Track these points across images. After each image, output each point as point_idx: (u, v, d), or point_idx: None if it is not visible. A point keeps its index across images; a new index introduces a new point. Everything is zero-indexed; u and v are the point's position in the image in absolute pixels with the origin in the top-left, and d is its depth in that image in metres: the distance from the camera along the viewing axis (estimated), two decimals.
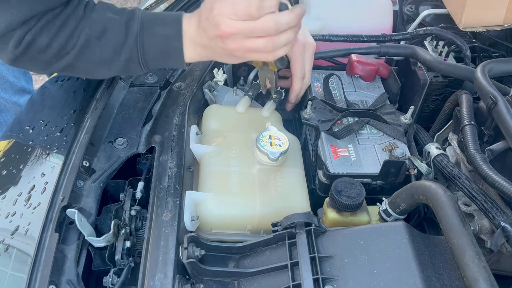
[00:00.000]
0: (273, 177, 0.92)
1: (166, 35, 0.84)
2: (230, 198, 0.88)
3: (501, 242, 0.74)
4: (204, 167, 0.93)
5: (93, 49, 0.83)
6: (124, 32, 0.83)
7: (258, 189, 0.89)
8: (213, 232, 0.87)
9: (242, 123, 1.04)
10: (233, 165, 0.93)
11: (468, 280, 0.63)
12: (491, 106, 0.86)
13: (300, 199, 0.91)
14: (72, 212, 0.80)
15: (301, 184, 0.94)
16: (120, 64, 0.85)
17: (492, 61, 0.97)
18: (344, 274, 0.70)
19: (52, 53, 0.82)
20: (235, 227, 0.87)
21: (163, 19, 0.85)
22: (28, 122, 1.04)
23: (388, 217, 0.86)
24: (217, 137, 0.98)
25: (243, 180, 0.90)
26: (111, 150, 0.96)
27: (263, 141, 0.91)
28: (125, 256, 0.80)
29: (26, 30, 0.79)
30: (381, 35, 1.24)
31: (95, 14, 0.84)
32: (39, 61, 0.83)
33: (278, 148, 0.91)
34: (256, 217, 0.86)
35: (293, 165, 0.96)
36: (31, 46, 0.80)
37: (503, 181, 0.75)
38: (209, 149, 0.95)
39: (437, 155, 0.94)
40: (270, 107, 1.08)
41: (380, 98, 1.13)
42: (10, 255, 0.81)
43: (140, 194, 0.89)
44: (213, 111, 1.07)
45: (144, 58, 0.85)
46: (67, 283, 0.74)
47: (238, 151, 0.95)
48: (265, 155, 0.91)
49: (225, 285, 0.76)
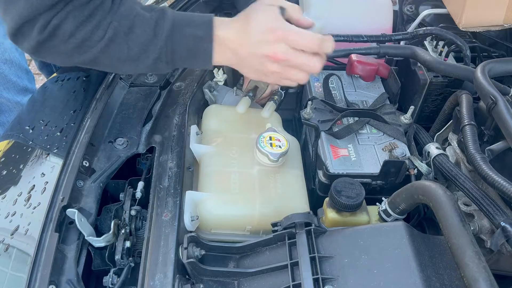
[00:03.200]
0: (273, 178, 0.92)
1: (196, 36, 0.83)
2: (229, 199, 0.88)
3: (501, 242, 0.74)
4: (204, 167, 0.93)
5: (120, 44, 0.81)
6: (153, 30, 0.81)
7: (258, 189, 0.89)
8: (213, 232, 0.87)
9: (242, 123, 1.04)
10: (233, 166, 0.93)
11: (468, 280, 0.63)
12: (491, 106, 0.86)
13: (300, 200, 0.91)
14: (72, 212, 0.80)
15: (301, 185, 0.94)
16: (147, 62, 0.84)
17: (492, 61, 0.97)
18: (344, 274, 0.70)
19: (75, 43, 0.79)
20: (234, 227, 0.87)
21: (193, 21, 0.84)
22: (29, 122, 1.04)
23: (388, 217, 0.86)
24: (217, 137, 0.99)
25: (243, 180, 0.90)
26: (111, 150, 0.96)
27: (263, 142, 0.92)
28: (125, 256, 0.80)
29: (53, 14, 0.76)
30: (381, 35, 1.24)
31: (124, 8, 0.81)
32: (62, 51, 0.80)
33: (278, 149, 0.91)
34: (255, 218, 0.86)
35: (292, 166, 0.96)
36: (56, 32, 0.77)
37: (503, 181, 0.75)
38: (209, 149, 0.95)
39: (437, 155, 0.94)
40: (270, 107, 1.08)
41: (380, 98, 1.13)
42: (10, 255, 0.81)
43: (140, 194, 0.89)
44: (213, 111, 1.07)
45: (172, 57, 0.84)
46: (67, 283, 0.74)
47: (238, 151, 0.95)
48: (265, 156, 0.91)
49: (225, 285, 0.76)
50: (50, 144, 0.96)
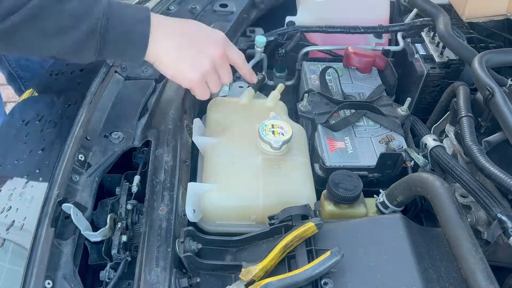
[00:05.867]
0: (277, 166, 0.91)
1: (134, 16, 0.79)
2: (233, 189, 0.87)
3: (497, 234, 0.74)
4: (208, 159, 0.93)
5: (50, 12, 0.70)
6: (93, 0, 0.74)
7: (262, 179, 0.88)
8: (218, 223, 0.87)
9: (246, 114, 1.03)
10: (236, 156, 0.92)
11: (465, 272, 0.64)
12: (488, 97, 0.85)
13: (305, 188, 0.90)
14: (67, 206, 0.80)
15: (306, 173, 0.93)
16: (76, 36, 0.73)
17: (489, 52, 0.97)
18: (341, 266, 0.70)
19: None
20: (239, 217, 0.87)
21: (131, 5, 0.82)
22: None
23: (386, 209, 0.86)
24: (221, 129, 0.98)
25: (247, 170, 0.90)
26: (106, 144, 0.95)
27: (265, 130, 0.91)
28: (122, 250, 0.80)
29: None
30: (378, 26, 1.24)
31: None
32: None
33: (281, 136, 0.90)
34: (260, 207, 0.86)
35: (297, 154, 0.95)
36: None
37: (500, 172, 0.75)
38: (213, 141, 0.95)
39: (434, 147, 0.94)
40: (274, 97, 1.07)
41: (377, 90, 1.12)
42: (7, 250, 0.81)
43: (136, 188, 0.89)
44: (217, 104, 1.06)
45: (105, 37, 0.75)
46: (63, 278, 0.74)
47: (242, 142, 0.95)
48: (268, 144, 0.91)
49: (222, 279, 0.76)
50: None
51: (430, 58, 1.16)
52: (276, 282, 0.66)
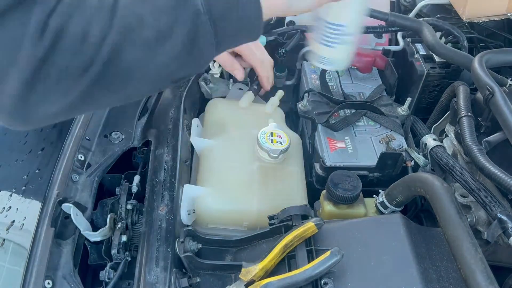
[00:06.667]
0: (273, 174, 0.91)
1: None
2: (228, 194, 0.87)
3: (497, 234, 0.74)
4: (204, 161, 0.93)
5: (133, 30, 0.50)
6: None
7: (257, 186, 0.88)
8: (210, 227, 0.87)
9: (244, 118, 1.03)
10: (233, 160, 0.92)
11: (464, 272, 0.64)
12: (488, 97, 0.85)
13: (298, 198, 0.90)
14: (67, 206, 0.80)
15: (300, 183, 0.93)
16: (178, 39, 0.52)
17: (489, 51, 0.96)
18: (341, 266, 0.70)
19: None
20: (231, 222, 0.87)
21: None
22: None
23: (385, 209, 0.86)
24: (218, 131, 0.98)
25: (242, 176, 0.90)
26: (106, 144, 0.95)
27: (264, 138, 0.91)
28: (122, 250, 0.80)
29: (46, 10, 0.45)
30: (378, 26, 1.23)
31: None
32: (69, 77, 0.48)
33: (279, 145, 0.90)
34: (253, 214, 0.85)
35: (293, 163, 0.95)
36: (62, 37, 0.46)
37: (500, 172, 0.75)
38: (210, 143, 0.95)
39: (434, 146, 0.94)
40: (274, 103, 1.07)
41: (377, 90, 1.12)
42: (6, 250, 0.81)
43: (136, 188, 0.89)
44: (216, 105, 1.06)
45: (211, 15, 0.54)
46: (63, 278, 0.74)
47: (239, 146, 0.95)
48: (265, 152, 0.91)
49: (222, 279, 0.76)
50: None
51: (430, 58, 1.16)
52: (276, 282, 0.66)
